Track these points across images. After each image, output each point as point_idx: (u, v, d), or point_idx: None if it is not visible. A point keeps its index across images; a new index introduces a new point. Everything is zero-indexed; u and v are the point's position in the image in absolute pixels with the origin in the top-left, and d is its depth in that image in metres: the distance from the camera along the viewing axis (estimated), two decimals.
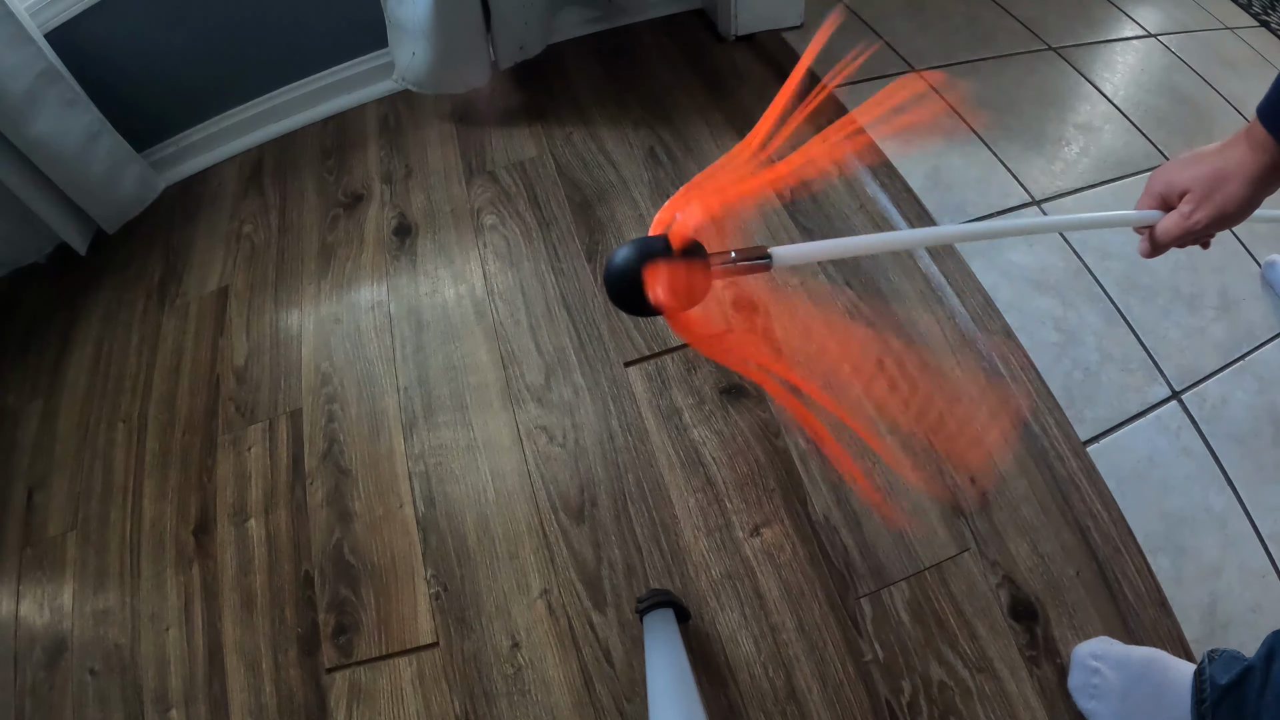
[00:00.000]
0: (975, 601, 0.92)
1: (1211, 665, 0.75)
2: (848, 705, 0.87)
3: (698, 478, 1.03)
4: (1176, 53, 1.64)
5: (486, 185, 1.41)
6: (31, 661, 1.02)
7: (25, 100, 1.22)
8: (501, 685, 0.91)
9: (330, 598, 0.99)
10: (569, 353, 1.16)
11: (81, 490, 1.16)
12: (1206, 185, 0.54)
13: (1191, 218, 0.55)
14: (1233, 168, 0.53)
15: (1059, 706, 0.86)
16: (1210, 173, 0.54)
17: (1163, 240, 0.58)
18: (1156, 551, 0.95)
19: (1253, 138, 0.52)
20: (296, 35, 1.49)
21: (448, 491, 1.05)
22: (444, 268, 1.30)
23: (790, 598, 0.93)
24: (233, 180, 1.56)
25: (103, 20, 1.32)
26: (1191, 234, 0.56)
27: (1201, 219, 0.55)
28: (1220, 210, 0.54)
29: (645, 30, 1.69)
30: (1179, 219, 0.56)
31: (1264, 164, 0.52)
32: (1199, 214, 0.55)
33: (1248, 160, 0.52)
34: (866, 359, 1.12)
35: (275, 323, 1.29)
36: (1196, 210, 0.55)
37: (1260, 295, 1.21)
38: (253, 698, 0.94)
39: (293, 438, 1.14)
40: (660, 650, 0.77)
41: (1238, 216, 0.54)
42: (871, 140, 1.38)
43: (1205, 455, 1.04)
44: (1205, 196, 0.54)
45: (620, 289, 0.39)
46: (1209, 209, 0.54)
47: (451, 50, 1.36)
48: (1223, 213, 0.54)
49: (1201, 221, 0.55)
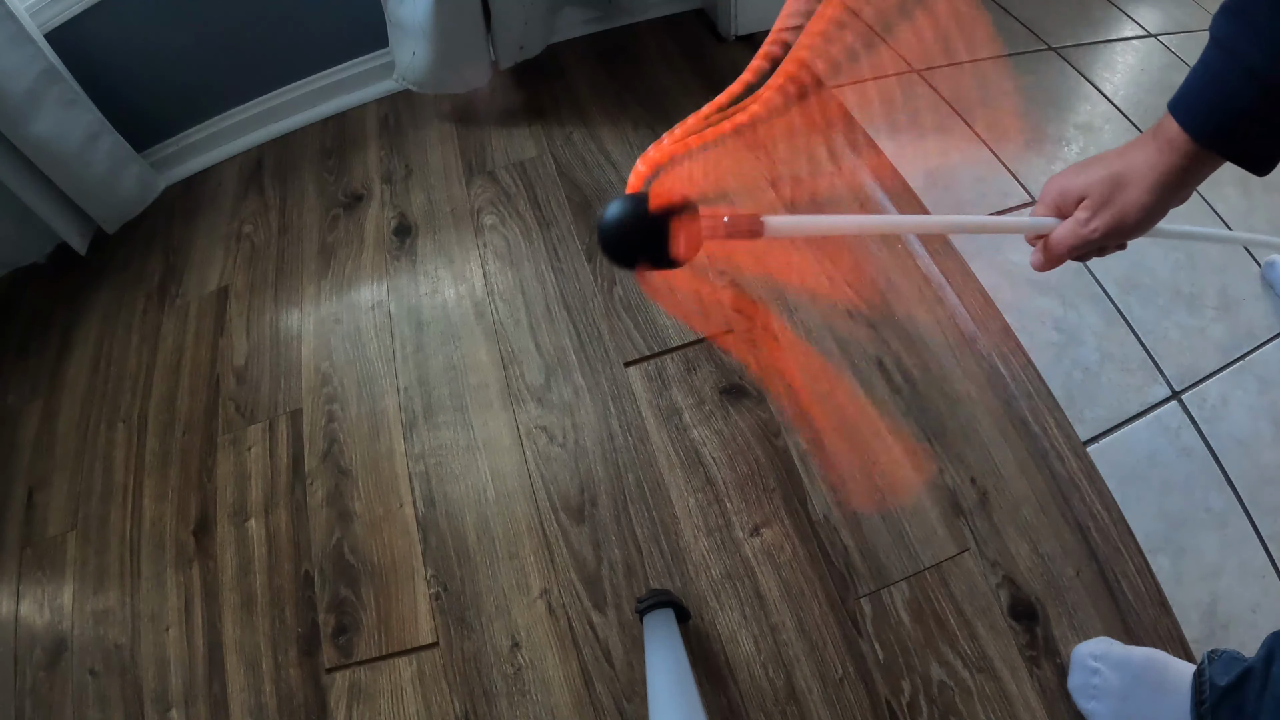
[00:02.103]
0: (975, 601, 0.92)
1: (1211, 666, 0.75)
2: (848, 705, 0.87)
3: (698, 478, 1.03)
4: (1176, 53, 1.64)
5: (486, 185, 1.41)
6: (31, 661, 1.02)
7: (25, 100, 1.22)
8: (501, 685, 0.91)
9: (330, 598, 0.99)
10: (569, 353, 1.16)
11: (81, 490, 1.16)
12: (1104, 190, 0.48)
13: (1088, 225, 0.49)
14: (1134, 171, 0.47)
15: (1059, 707, 0.86)
16: (1108, 177, 0.48)
17: (1056, 251, 0.51)
18: (1156, 551, 0.95)
19: (1161, 135, 0.46)
20: (296, 35, 1.49)
21: (448, 491, 1.05)
22: (444, 268, 1.30)
23: (790, 598, 0.93)
24: (233, 180, 1.56)
25: (103, 20, 1.32)
26: (1088, 244, 0.50)
27: (1099, 227, 0.49)
28: (1119, 218, 0.48)
29: (645, 30, 1.69)
30: (1074, 227, 0.50)
31: (1170, 166, 0.45)
32: (1095, 222, 0.49)
33: (1153, 162, 0.46)
34: (866, 358, 1.12)
35: (275, 323, 1.29)
36: (1093, 218, 0.49)
37: (1260, 295, 1.21)
38: (253, 698, 0.94)
39: (293, 438, 1.14)
40: (660, 650, 0.77)
41: (1139, 227, 0.48)
42: (871, 141, 1.39)
43: (1205, 455, 1.04)
44: (1103, 203, 0.48)
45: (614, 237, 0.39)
46: (1106, 217, 0.48)
47: (451, 50, 1.36)
48: (1121, 221, 0.48)
49: (1099, 230, 0.49)
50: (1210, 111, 0.43)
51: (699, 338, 1.15)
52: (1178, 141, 0.45)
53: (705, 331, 0.81)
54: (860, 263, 1.23)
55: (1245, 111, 0.42)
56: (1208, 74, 0.44)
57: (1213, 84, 0.43)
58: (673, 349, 1.15)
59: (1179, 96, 0.45)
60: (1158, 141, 0.46)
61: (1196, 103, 0.44)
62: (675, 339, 1.16)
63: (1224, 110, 0.43)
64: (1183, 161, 0.45)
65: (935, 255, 1.23)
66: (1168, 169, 0.46)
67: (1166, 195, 0.47)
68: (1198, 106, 0.44)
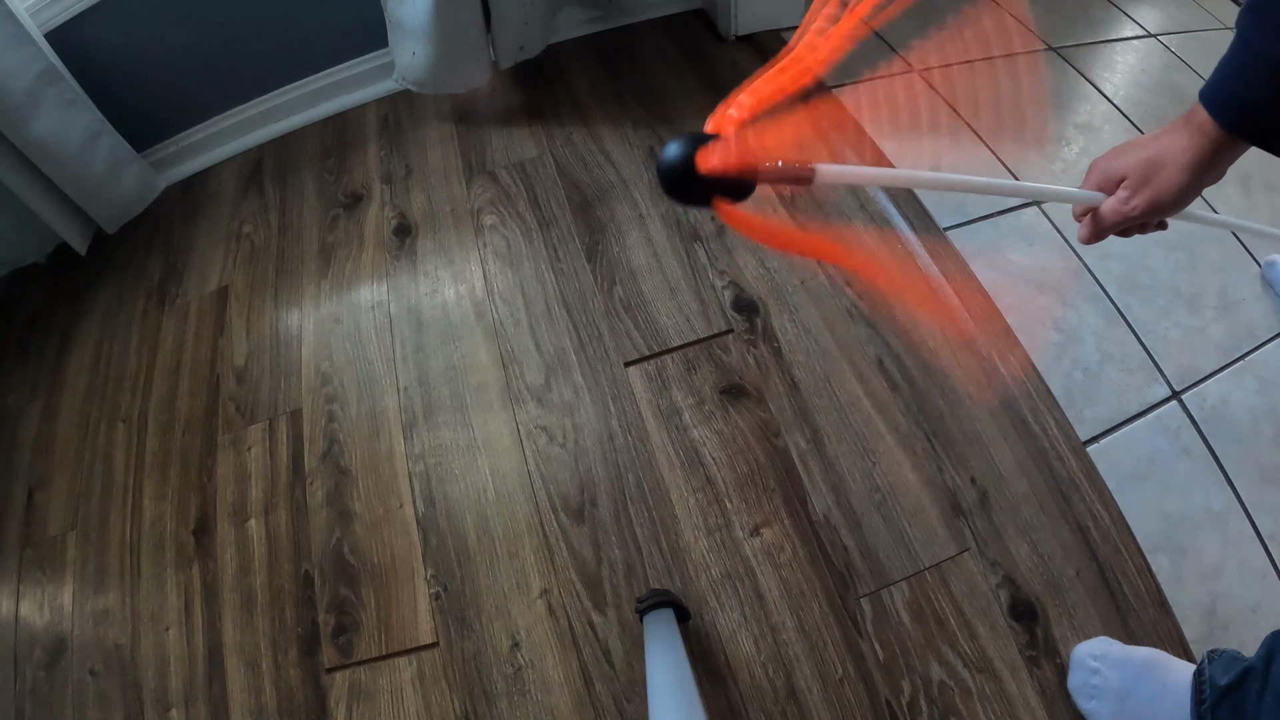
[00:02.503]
0: (975, 601, 0.92)
1: (1211, 666, 0.75)
2: (848, 705, 0.87)
3: (698, 478, 1.03)
4: (1176, 53, 1.64)
5: (486, 185, 1.41)
6: (31, 662, 1.02)
7: (25, 100, 1.22)
8: (501, 685, 0.91)
9: (330, 598, 0.99)
10: (569, 353, 1.16)
11: (81, 490, 1.16)
12: (1143, 171, 0.53)
13: (1128, 204, 0.54)
14: (1170, 153, 0.51)
15: (1059, 707, 0.86)
16: (1147, 158, 0.52)
17: (1102, 225, 0.56)
18: (1156, 551, 0.95)
19: (1193, 122, 0.50)
20: (296, 35, 1.49)
21: (448, 491, 1.05)
22: (444, 268, 1.30)
23: (790, 598, 0.93)
24: (233, 180, 1.56)
25: (103, 20, 1.32)
26: (1129, 220, 0.55)
27: (1139, 205, 0.53)
28: (1156, 197, 0.52)
29: (645, 30, 1.69)
30: (1116, 204, 0.54)
31: (1202, 149, 0.50)
32: (1135, 200, 0.53)
33: (1186, 145, 0.50)
34: (866, 358, 1.12)
35: (275, 323, 1.29)
36: (1133, 197, 0.53)
37: (1260, 295, 1.21)
38: (253, 698, 0.94)
39: (293, 438, 1.14)
40: (660, 650, 0.77)
41: (1175, 205, 0.53)
42: (871, 141, 1.39)
43: (1205, 455, 1.04)
44: (1142, 182, 0.53)
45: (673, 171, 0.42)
46: (1145, 195, 0.53)
47: (452, 50, 1.36)
48: (1158, 199, 0.52)
49: (1139, 208, 0.53)
50: (1235, 102, 0.47)
51: (699, 338, 1.15)
52: (1207, 127, 0.49)
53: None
54: (861, 263, 1.23)
55: (1266, 103, 0.45)
56: (1232, 66, 0.47)
57: (1236, 76, 0.47)
58: (673, 349, 1.15)
59: (1208, 86, 0.49)
60: (1189, 127, 0.50)
61: (1222, 93, 0.48)
62: (675, 339, 1.16)
63: (1247, 101, 0.46)
64: (1212, 145, 0.49)
65: (935, 255, 1.23)
66: (1198, 152, 0.50)
67: (1199, 176, 0.51)
68: (1223, 97, 0.48)
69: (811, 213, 1.30)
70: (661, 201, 1.33)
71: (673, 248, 1.27)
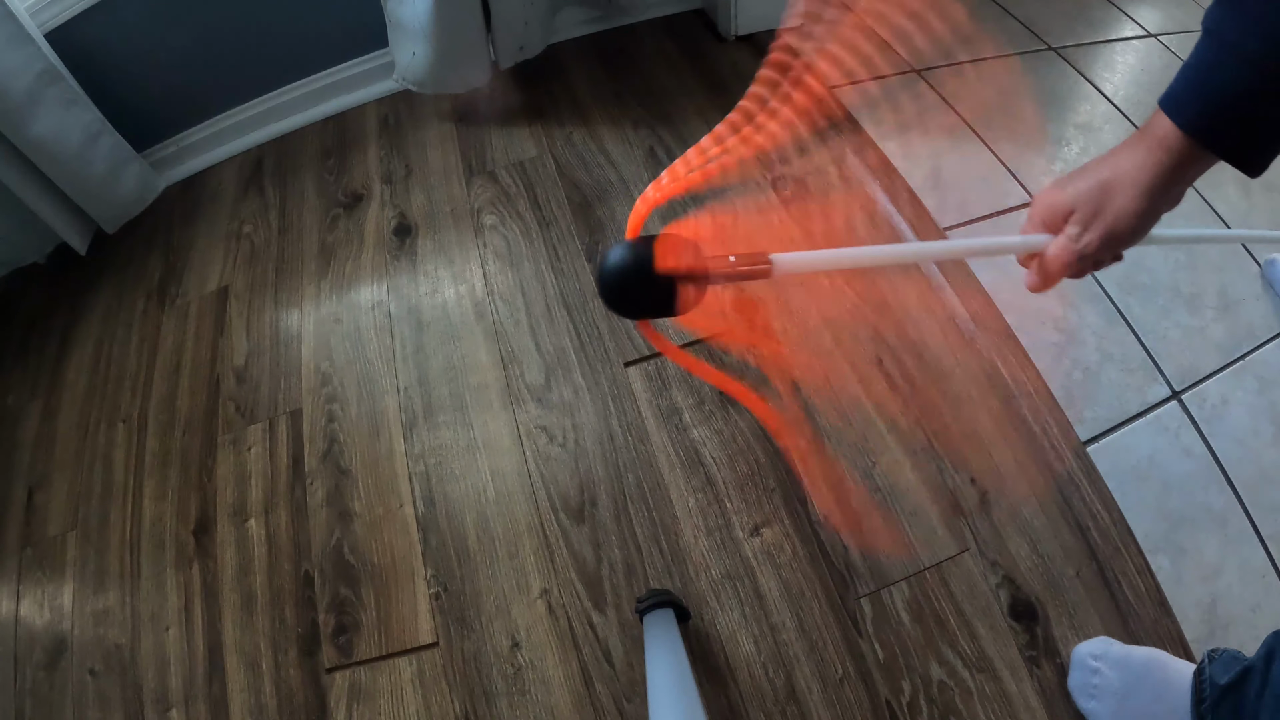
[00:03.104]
0: (975, 601, 0.92)
1: (1211, 665, 0.75)
2: (848, 705, 0.87)
3: (698, 478, 1.03)
4: (1176, 53, 1.64)
5: (486, 185, 1.41)
6: (31, 661, 1.02)
7: (25, 100, 1.22)
8: (501, 685, 0.91)
9: (330, 598, 0.99)
10: (569, 353, 1.16)
11: (81, 490, 1.16)
12: (1093, 201, 0.46)
13: (1080, 241, 0.46)
14: (1123, 176, 0.45)
15: (1059, 706, 0.86)
16: (1095, 186, 0.46)
17: (1050, 269, 0.48)
18: (1156, 551, 0.95)
19: (1150, 135, 0.44)
20: (296, 35, 1.49)
21: (448, 491, 1.05)
22: (444, 268, 1.30)
23: (790, 598, 0.93)
24: (233, 180, 1.56)
25: (103, 20, 1.32)
26: (1082, 259, 0.47)
27: (1091, 241, 0.46)
28: (1110, 229, 0.45)
29: (645, 30, 1.69)
30: (1065, 243, 0.47)
31: (1160, 165, 0.43)
32: (1087, 236, 0.46)
33: (1141, 163, 0.44)
34: (866, 358, 1.12)
35: (275, 323, 1.29)
36: (1084, 232, 0.46)
37: (1260, 295, 1.21)
38: (253, 698, 0.94)
39: (293, 438, 1.14)
40: (660, 650, 0.77)
41: (1133, 235, 0.46)
42: (871, 140, 1.39)
43: (1205, 455, 1.04)
44: (1093, 214, 0.46)
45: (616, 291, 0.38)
46: (1098, 229, 0.45)
47: (452, 50, 1.36)
48: (1113, 231, 0.45)
49: (1092, 244, 0.46)
50: (1204, 103, 0.42)
51: (699, 338, 1.15)
52: (1169, 139, 0.43)
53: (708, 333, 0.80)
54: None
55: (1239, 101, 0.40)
56: (1201, 66, 0.42)
57: (1207, 74, 0.42)
58: None
59: (1170, 91, 0.44)
60: (1146, 141, 0.44)
61: (1188, 95, 0.43)
62: (675, 339, 1.16)
63: (1218, 102, 0.41)
64: (1172, 160, 0.43)
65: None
66: (1157, 169, 0.44)
67: (1157, 198, 0.45)
68: (1190, 99, 0.42)
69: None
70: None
71: None
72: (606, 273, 0.37)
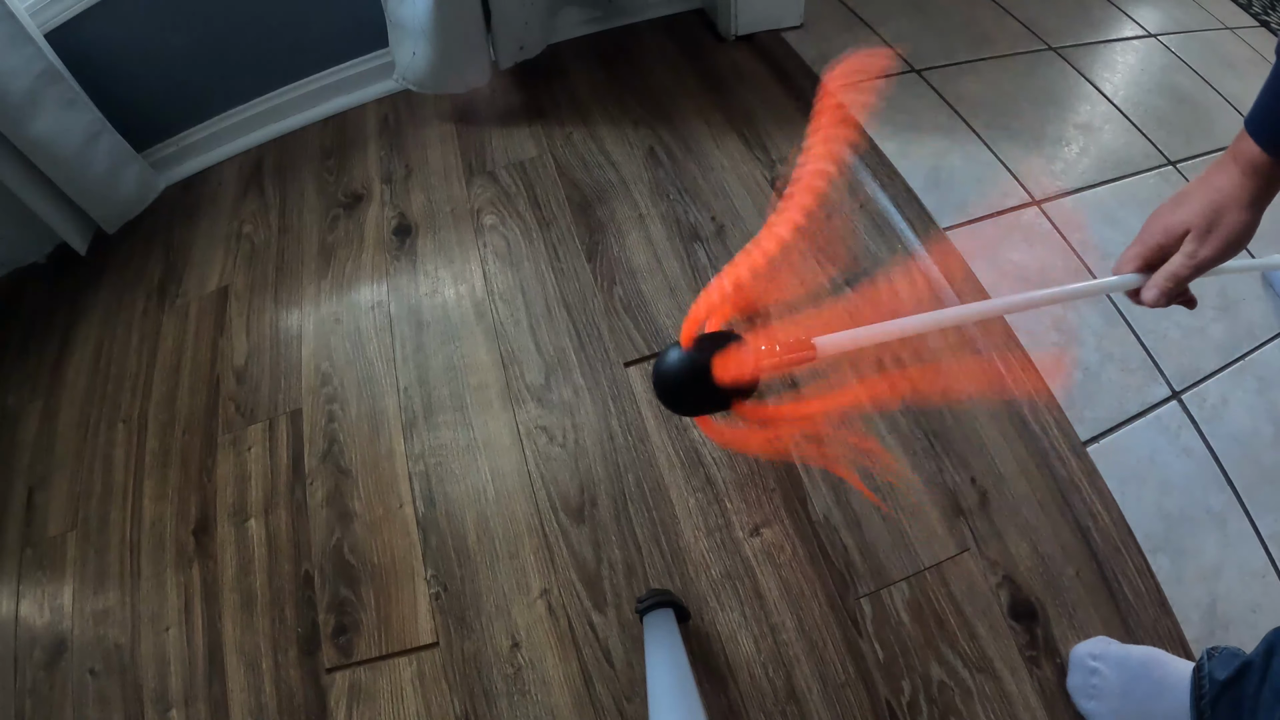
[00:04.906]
0: (975, 601, 0.92)
1: (1211, 662, 0.75)
2: (848, 705, 0.87)
3: (698, 478, 1.03)
4: (1176, 53, 1.64)
5: (486, 185, 1.41)
6: (31, 661, 1.02)
7: (25, 100, 1.22)
8: (501, 685, 0.91)
9: (330, 598, 0.99)
10: (569, 353, 1.16)
11: (81, 490, 1.16)
12: (1206, 219, 0.53)
13: (1198, 256, 0.53)
14: (1228, 196, 0.52)
15: (1059, 706, 0.86)
16: (1206, 206, 0.53)
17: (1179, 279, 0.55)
18: (1156, 551, 0.95)
19: (1242, 159, 0.51)
20: (296, 35, 1.49)
21: (448, 491, 1.06)
22: (444, 268, 1.30)
23: (790, 598, 0.93)
24: (233, 180, 1.56)
25: (103, 20, 1.32)
26: (1201, 270, 0.54)
27: (1209, 255, 0.53)
28: (1225, 241, 0.53)
29: (645, 30, 1.69)
30: (1185, 260, 0.54)
31: (1259, 186, 0.51)
32: (1205, 250, 0.53)
33: (1240, 183, 0.51)
34: (865, 358, 1.12)
35: (275, 323, 1.29)
36: (1201, 246, 0.53)
37: (1260, 295, 1.21)
38: (253, 698, 0.94)
39: (293, 438, 1.14)
40: (660, 650, 0.77)
41: (1242, 243, 0.53)
42: (871, 141, 1.39)
43: (1205, 455, 1.04)
44: (1208, 229, 0.53)
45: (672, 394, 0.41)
46: (1215, 242, 0.53)
47: (452, 50, 1.36)
48: (1227, 243, 0.53)
49: (1210, 257, 0.53)
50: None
51: None
52: (1259, 162, 0.50)
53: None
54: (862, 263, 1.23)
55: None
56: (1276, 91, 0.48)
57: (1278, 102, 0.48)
58: None
59: (1252, 116, 0.50)
60: (1239, 164, 0.51)
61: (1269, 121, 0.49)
62: (675, 338, 1.15)
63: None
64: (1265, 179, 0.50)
65: (935, 255, 1.23)
66: (1255, 189, 0.51)
67: (1261, 209, 0.52)
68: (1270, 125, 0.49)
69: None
70: (661, 201, 1.33)
71: (672, 248, 1.27)
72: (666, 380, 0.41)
